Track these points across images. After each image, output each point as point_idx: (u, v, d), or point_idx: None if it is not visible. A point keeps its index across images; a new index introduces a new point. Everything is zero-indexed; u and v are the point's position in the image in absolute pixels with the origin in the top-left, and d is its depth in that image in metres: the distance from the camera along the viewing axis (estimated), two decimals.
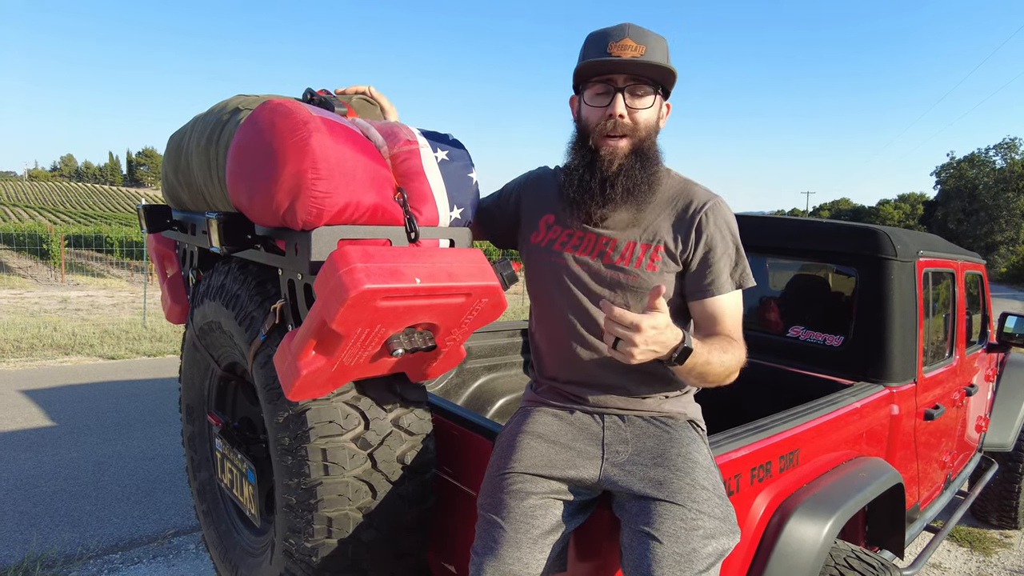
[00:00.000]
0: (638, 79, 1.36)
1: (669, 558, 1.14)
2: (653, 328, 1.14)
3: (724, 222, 1.42)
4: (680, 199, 1.44)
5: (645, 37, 1.36)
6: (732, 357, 1.33)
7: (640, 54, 1.34)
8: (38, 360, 7.23)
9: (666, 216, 1.43)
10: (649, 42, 1.35)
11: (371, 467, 1.36)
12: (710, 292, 1.40)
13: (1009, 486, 3.67)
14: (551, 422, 1.43)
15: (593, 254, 1.45)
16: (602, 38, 1.37)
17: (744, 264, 1.43)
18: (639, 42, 1.34)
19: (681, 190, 1.45)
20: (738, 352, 1.35)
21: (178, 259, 2.11)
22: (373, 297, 1.08)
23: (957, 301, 2.89)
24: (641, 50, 1.34)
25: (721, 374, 1.32)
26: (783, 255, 2.73)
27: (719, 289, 1.40)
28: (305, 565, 1.38)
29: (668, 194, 1.45)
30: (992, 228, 46.18)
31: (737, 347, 1.36)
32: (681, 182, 1.47)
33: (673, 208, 1.43)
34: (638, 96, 1.38)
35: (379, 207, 1.27)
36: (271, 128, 1.22)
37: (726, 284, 1.40)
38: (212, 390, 1.97)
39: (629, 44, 1.34)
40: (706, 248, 1.40)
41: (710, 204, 1.42)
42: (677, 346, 1.20)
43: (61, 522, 3.42)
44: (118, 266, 21.50)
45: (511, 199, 1.62)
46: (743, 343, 1.39)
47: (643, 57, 1.34)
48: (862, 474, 1.89)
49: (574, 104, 1.47)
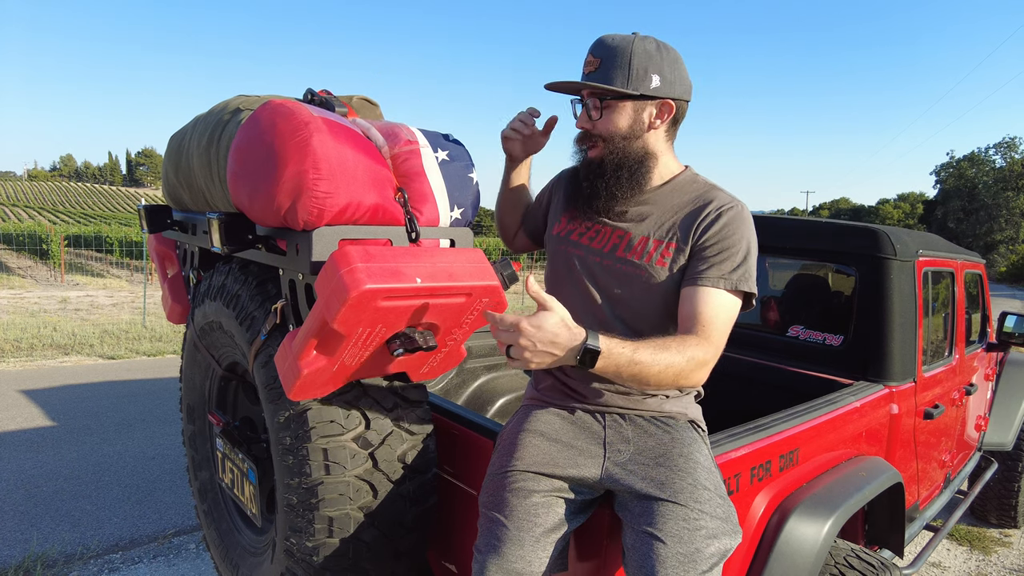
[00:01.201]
0: (592, 92, 1.43)
1: (673, 558, 1.15)
2: (534, 327, 1.09)
3: (739, 225, 1.39)
4: (701, 200, 1.44)
5: (603, 49, 1.41)
6: (678, 357, 1.22)
7: (594, 68, 1.41)
8: (38, 360, 7.23)
9: (685, 215, 1.43)
10: (604, 54, 1.40)
11: (372, 466, 1.37)
12: (696, 280, 1.35)
13: (1008, 485, 3.68)
14: (553, 421, 1.44)
15: (607, 246, 1.47)
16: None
17: (747, 270, 1.37)
18: (595, 55, 1.41)
19: (704, 193, 1.46)
20: (692, 351, 1.24)
21: (179, 259, 2.11)
22: (374, 297, 1.09)
23: (957, 300, 2.90)
24: (595, 64, 1.41)
25: (663, 375, 1.21)
26: (783, 254, 2.74)
27: (707, 280, 1.34)
28: (306, 564, 1.38)
29: (691, 196, 1.45)
30: (992, 227, 46.20)
31: (691, 345, 1.25)
32: (706, 186, 1.48)
33: (693, 208, 1.43)
34: (596, 108, 1.44)
35: (380, 207, 1.27)
36: (272, 128, 1.22)
37: (716, 280, 1.34)
38: (213, 390, 1.98)
39: (589, 59, 1.43)
40: (712, 240, 1.37)
41: (728, 206, 1.41)
42: (578, 347, 1.12)
43: (61, 522, 3.42)
44: (118, 266, 21.49)
45: (544, 201, 1.70)
46: (713, 343, 1.29)
47: (593, 72, 1.41)
48: (862, 473, 1.90)
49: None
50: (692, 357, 1.24)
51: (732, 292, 1.35)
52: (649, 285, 1.41)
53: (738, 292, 1.36)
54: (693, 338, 1.28)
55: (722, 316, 1.33)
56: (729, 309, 1.35)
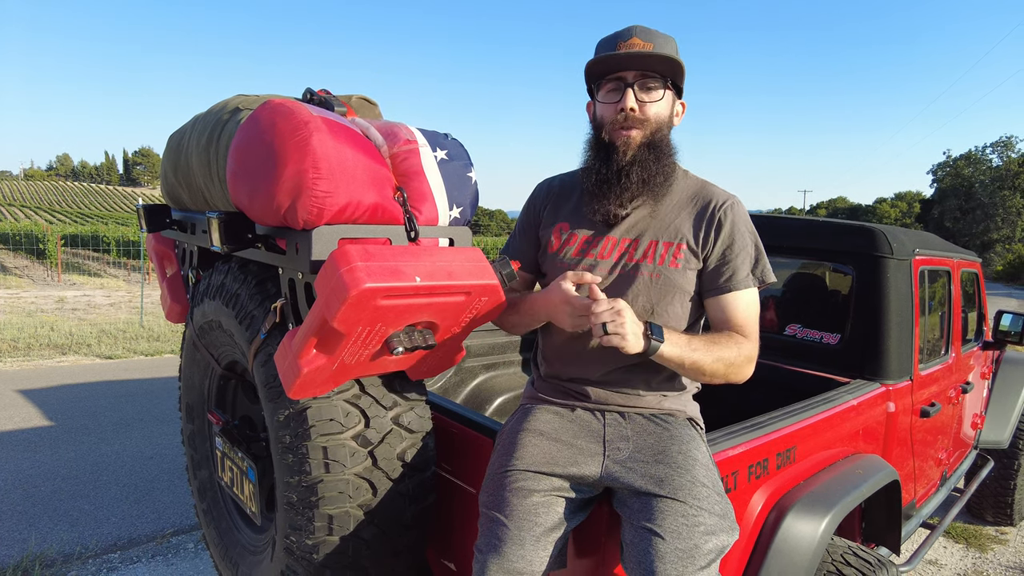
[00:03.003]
0: (647, 74, 1.40)
1: (671, 554, 1.16)
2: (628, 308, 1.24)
3: (742, 222, 1.46)
4: (699, 198, 1.47)
5: (652, 36, 1.40)
6: (731, 352, 1.36)
7: (648, 51, 1.38)
8: (35, 360, 7.22)
9: (687, 215, 1.45)
10: (656, 40, 1.40)
11: (371, 465, 1.37)
12: (726, 288, 1.43)
13: (1004, 483, 3.69)
14: (552, 419, 1.44)
15: (615, 255, 1.46)
16: (611, 39, 1.43)
17: (765, 261, 1.46)
18: (646, 40, 1.39)
19: (699, 190, 1.49)
20: (743, 347, 1.38)
21: (177, 258, 2.12)
22: (374, 296, 1.09)
23: (953, 299, 2.91)
24: (649, 47, 1.39)
25: (716, 367, 1.34)
26: (780, 253, 2.74)
27: (736, 285, 1.42)
28: (306, 562, 1.39)
29: (687, 194, 1.48)
30: (988, 226, 46.30)
31: (740, 342, 1.38)
32: (699, 183, 1.51)
33: (693, 207, 1.46)
34: (648, 90, 1.42)
35: (379, 206, 1.28)
36: (272, 128, 1.23)
37: (744, 280, 1.43)
38: (212, 389, 1.98)
39: (636, 42, 1.39)
40: (725, 244, 1.43)
41: (729, 202, 1.46)
42: (645, 331, 1.27)
43: (60, 521, 3.42)
44: (115, 266, 21.46)
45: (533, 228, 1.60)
46: (754, 340, 1.41)
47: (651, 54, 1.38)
48: (858, 471, 1.91)
49: (590, 108, 1.52)
50: (744, 354, 1.38)
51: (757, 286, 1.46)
52: (665, 288, 1.43)
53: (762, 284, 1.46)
54: (738, 336, 1.40)
55: (753, 312, 1.45)
56: (755, 303, 1.46)
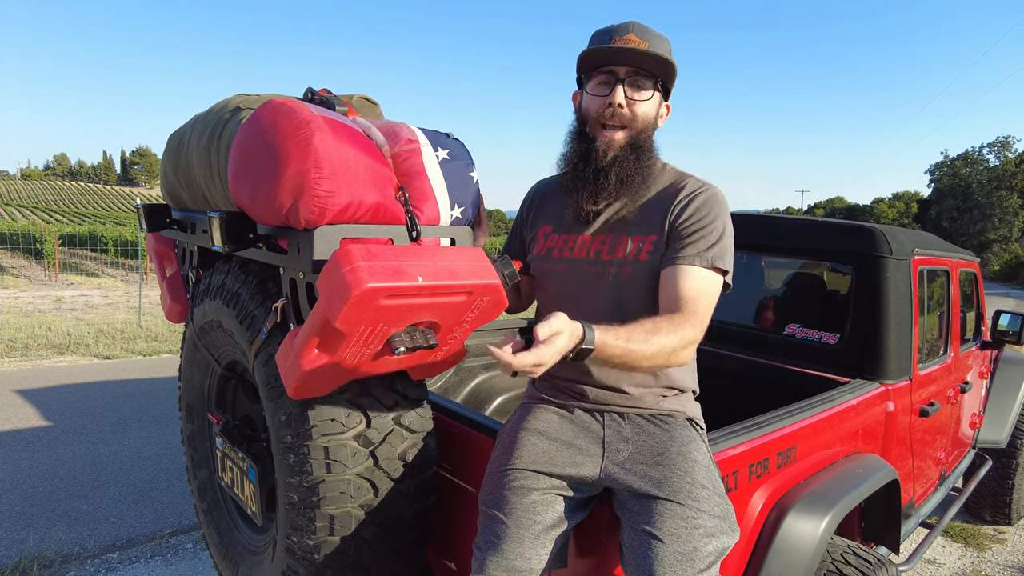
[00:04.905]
0: (639, 71, 1.40)
1: (671, 557, 1.15)
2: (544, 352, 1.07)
3: (713, 205, 1.40)
4: (674, 187, 1.46)
5: (648, 34, 1.39)
6: (671, 338, 1.22)
7: (643, 48, 1.37)
8: (33, 360, 7.21)
9: (659, 208, 1.44)
10: (652, 39, 1.39)
11: (373, 465, 1.37)
12: (672, 261, 1.36)
13: (1002, 482, 3.70)
14: (552, 419, 1.44)
15: (590, 253, 1.47)
16: (606, 32, 1.42)
17: (723, 247, 1.37)
18: (642, 38, 1.38)
19: (676, 181, 1.48)
20: (683, 330, 1.24)
21: (177, 258, 2.11)
22: (376, 295, 1.09)
23: (951, 299, 2.92)
24: (644, 45, 1.38)
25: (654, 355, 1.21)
26: (779, 254, 2.75)
27: (683, 260, 1.35)
28: (307, 563, 1.39)
29: (662, 186, 1.47)
30: (986, 226, 46.40)
31: (681, 324, 1.25)
32: (677, 174, 1.50)
33: (667, 198, 1.45)
34: (638, 88, 1.41)
35: (381, 206, 1.28)
36: (273, 127, 1.23)
37: (694, 258, 1.34)
38: (212, 388, 1.97)
39: (632, 39, 1.38)
40: (685, 222, 1.39)
41: (701, 189, 1.43)
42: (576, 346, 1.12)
43: (58, 522, 3.41)
44: (113, 265, 21.42)
45: (523, 231, 1.65)
46: (698, 321, 1.28)
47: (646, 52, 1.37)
48: (858, 470, 1.91)
49: (576, 98, 1.51)
50: (683, 336, 1.24)
51: (710, 269, 1.36)
52: (635, 282, 1.42)
53: (716, 270, 1.36)
54: (680, 315, 1.28)
55: (705, 293, 1.33)
56: (711, 285, 1.35)
